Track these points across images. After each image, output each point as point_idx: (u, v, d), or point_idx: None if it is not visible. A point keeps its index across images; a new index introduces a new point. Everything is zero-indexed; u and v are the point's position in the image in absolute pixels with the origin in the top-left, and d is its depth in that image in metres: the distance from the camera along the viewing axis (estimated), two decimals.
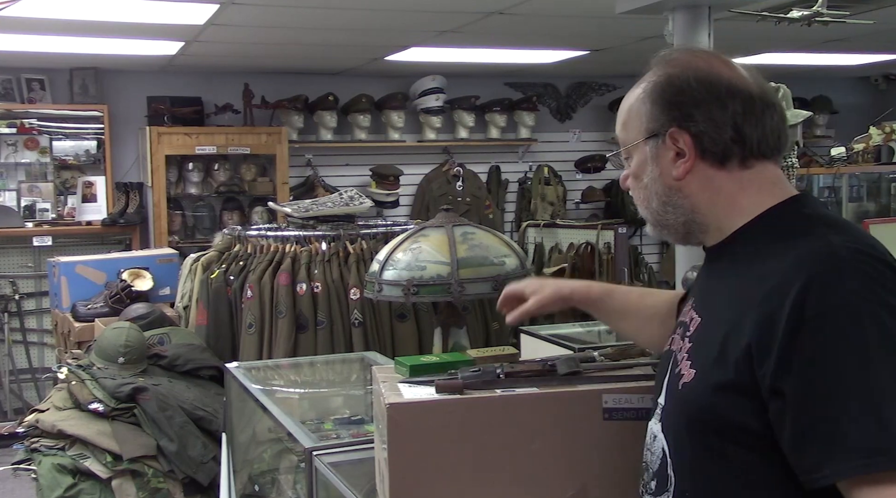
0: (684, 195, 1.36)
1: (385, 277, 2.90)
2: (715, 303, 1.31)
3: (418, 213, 6.89)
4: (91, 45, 5.32)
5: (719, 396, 1.21)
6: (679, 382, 1.29)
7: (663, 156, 1.36)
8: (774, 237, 1.28)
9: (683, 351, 1.33)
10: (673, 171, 1.35)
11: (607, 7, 3.88)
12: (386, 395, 1.67)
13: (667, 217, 1.39)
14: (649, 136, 1.37)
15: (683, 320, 1.40)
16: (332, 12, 4.56)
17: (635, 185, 1.42)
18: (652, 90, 1.37)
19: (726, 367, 1.20)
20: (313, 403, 3.08)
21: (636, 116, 1.40)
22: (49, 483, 3.29)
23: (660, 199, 1.39)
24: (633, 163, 1.40)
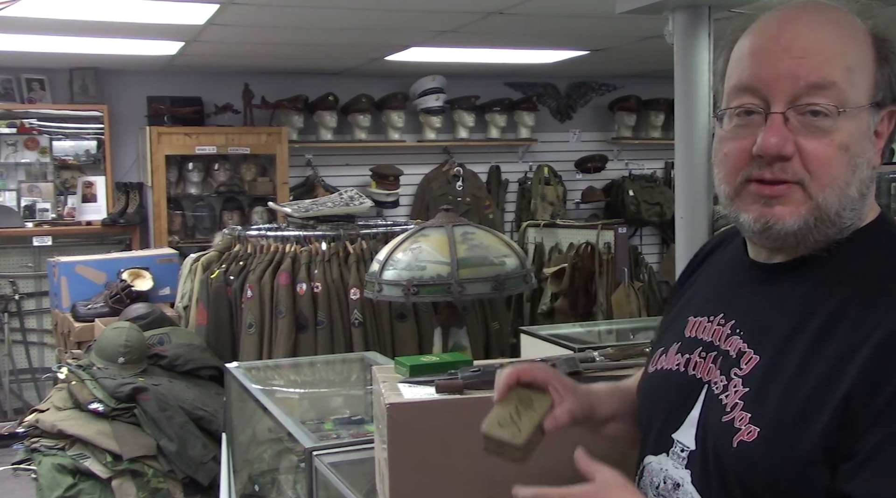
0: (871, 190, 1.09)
1: (385, 277, 2.90)
2: (785, 345, 1.06)
3: (418, 213, 6.89)
4: (91, 45, 5.31)
5: (801, 471, 0.99)
6: (733, 439, 1.05)
7: (871, 135, 1.08)
8: (881, 263, 1.07)
9: (733, 394, 1.08)
10: (875, 157, 1.08)
11: (607, 7, 3.87)
12: (386, 395, 1.67)
13: (843, 215, 1.06)
14: (874, 103, 1.07)
15: (713, 343, 1.15)
16: (332, 12, 4.56)
17: (838, 158, 1.04)
18: (883, 46, 1.07)
19: (811, 436, 0.99)
20: (313, 403, 3.08)
21: (862, 66, 1.06)
22: (49, 483, 3.29)
23: (861, 188, 1.07)
24: (847, 127, 1.04)
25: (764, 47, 1.08)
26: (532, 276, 3.07)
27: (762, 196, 1.07)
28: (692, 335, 1.20)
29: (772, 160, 1.05)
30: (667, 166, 7.60)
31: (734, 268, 1.22)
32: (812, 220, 1.05)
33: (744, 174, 1.09)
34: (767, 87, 1.06)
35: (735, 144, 1.09)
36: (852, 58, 1.06)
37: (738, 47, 1.12)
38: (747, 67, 1.09)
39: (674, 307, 1.35)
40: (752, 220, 1.08)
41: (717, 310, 1.18)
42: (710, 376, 1.13)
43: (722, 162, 1.12)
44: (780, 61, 1.05)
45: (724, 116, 1.12)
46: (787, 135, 1.04)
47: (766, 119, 1.06)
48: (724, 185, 1.12)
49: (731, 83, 1.11)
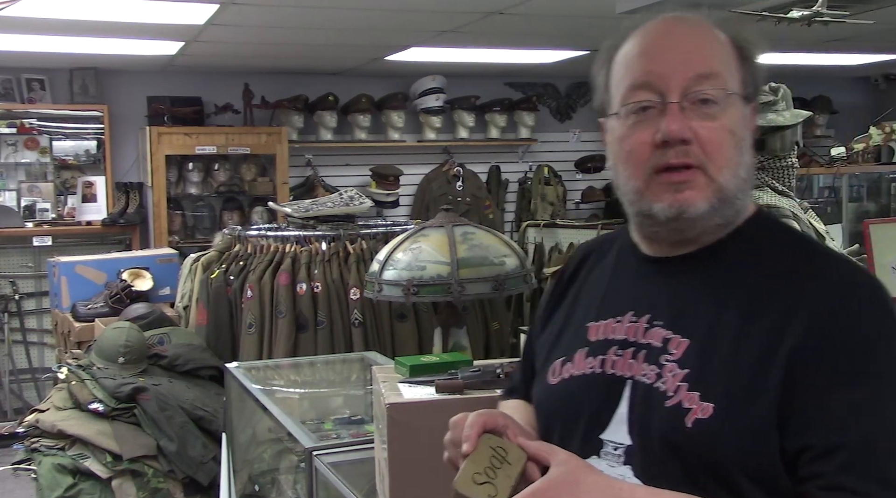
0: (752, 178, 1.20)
1: (385, 277, 2.90)
2: (713, 325, 1.13)
3: (418, 213, 6.89)
4: (91, 45, 5.31)
5: (760, 432, 1.06)
6: (685, 419, 1.09)
7: (747, 126, 1.19)
8: (774, 243, 1.19)
9: (672, 379, 1.12)
10: (751, 146, 1.20)
11: (607, 7, 3.88)
12: (386, 395, 1.67)
13: (738, 197, 1.17)
14: (745, 97, 1.19)
15: (629, 339, 1.20)
16: (332, 12, 4.56)
17: (728, 141, 1.15)
18: (742, 49, 1.20)
19: (764, 401, 1.06)
20: (313, 403, 3.08)
21: (731, 63, 1.18)
22: (49, 483, 3.29)
23: (748, 171, 1.18)
24: (731, 113, 1.16)
25: (651, 47, 1.18)
26: (532, 276, 3.07)
27: (672, 183, 1.14)
28: (601, 338, 1.23)
29: (675, 144, 1.13)
30: None
31: (629, 269, 1.28)
32: (716, 202, 1.14)
33: (650, 165, 1.16)
34: (661, 80, 1.15)
35: (637, 139, 1.17)
36: (725, 55, 1.18)
37: (621, 55, 1.21)
38: (640, 67, 1.17)
39: (548, 324, 1.37)
40: (665, 208, 1.15)
41: (623, 310, 1.22)
42: (632, 371, 1.17)
43: (627, 159, 1.18)
44: (669, 57, 1.16)
45: (621, 116, 1.19)
46: (685, 121, 1.13)
47: (662, 111, 1.15)
48: (632, 181, 1.18)
49: (624, 84, 1.18)
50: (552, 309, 1.38)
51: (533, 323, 1.44)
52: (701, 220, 1.15)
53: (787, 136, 2.81)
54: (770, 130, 2.79)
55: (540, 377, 1.31)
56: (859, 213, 6.22)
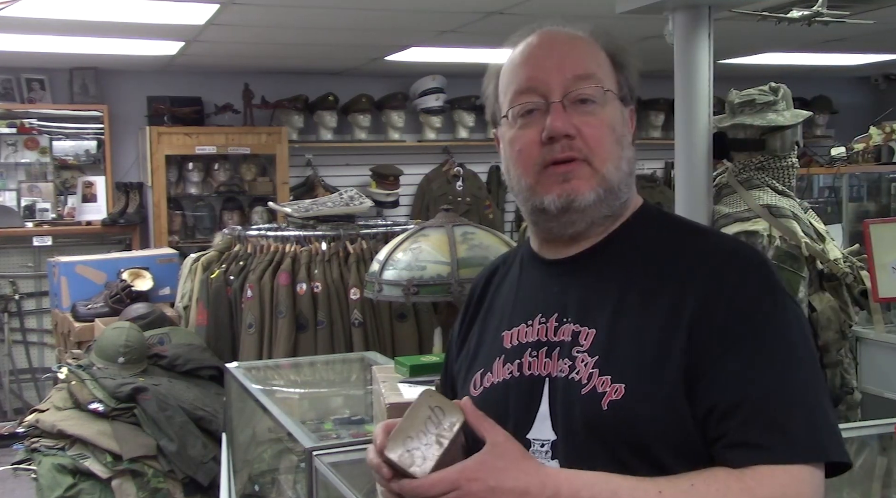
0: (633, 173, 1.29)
1: (385, 277, 2.90)
2: (616, 313, 1.19)
3: (418, 213, 6.89)
4: (91, 45, 5.31)
5: (670, 403, 1.12)
6: (601, 403, 1.14)
7: (626, 124, 1.29)
8: (660, 228, 1.27)
9: (584, 368, 1.17)
10: (631, 144, 1.29)
11: (607, 7, 3.87)
12: (386, 395, 1.67)
13: (622, 189, 1.25)
14: (621, 98, 1.28)
15: (541, 340, 1.24)
16: (332, 12, 4.56)
17: (609, 136, 1.24)
18: (615, 56, 1.29)
19: (668, 372, 1.12)
20: (313, 403, 3.08)
21: (606, 67, 1.27)
22: (49, 483, 3.29)
23: (629, 165, 1.27)
24: (609, 111, 1.25)
25: (531, 55, 1.27)
26: None
27: (559, 174, 1.22)
28: (515, 343, 1.28)
29: (560, 140, 1.21)
30: (667, 166, 7.59)
31: (532, 277, 1.34)
32: (602, 192, 1.22)
33: (538, 161, 1.23)
34: (543, 83, 1.23)
35: (525, 139, 1.24)
36: (599, 59, 1.27)
37: (505, 68, 1.31)
38: (523, 73, 1.26)
39: (465, 341, 1.40)
40: (555, 199, 1.22)
41: (532, 314, 1.28)
42: (547, 369, 1.22)
43: (517, 159, 1.26)
44: (547, 62, 1.25)
45: (509, 119, 1.27)
46: (568, 118, 1.21)
47: (546, 111, 1.22)
48: (524, 179, 1.25)
49: (510, 91, 1.27)
50: (466, 330, 1.42)
51: (448, 347, 1.48)
52: (589, 209, 1.22)
53: (787, 136, 2.82)
54: (770, 130, 2.80)
55: (462, 393, 1.33)
56: (859, 213, 6.22)
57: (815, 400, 1.12)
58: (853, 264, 2.75)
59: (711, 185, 2.80)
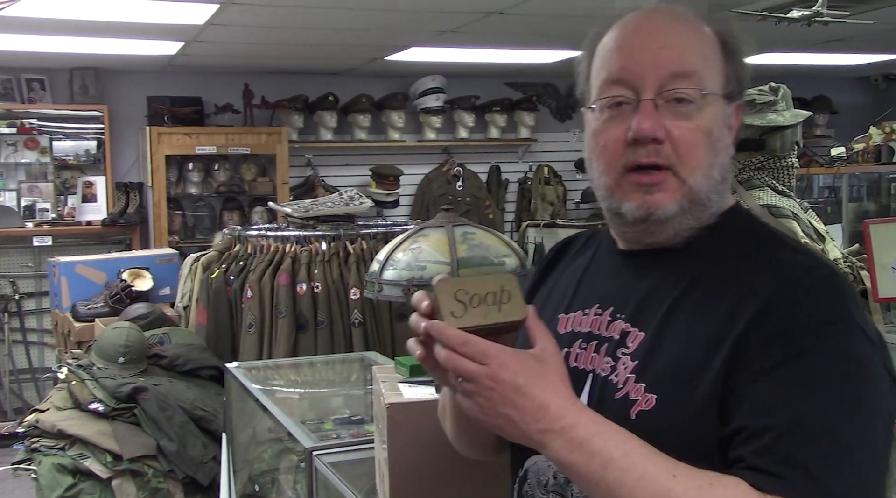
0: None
1: (385, 277, 2.90)
2: (668, 317, 1.12)
3: (418, 213, 6.89)
4: (91, 45, 5.31)
5: (700, 420, 1.04)
6: (631, 411, 1.08)
7: (728, 124, 1.17)
8: (742, 237, 1.16)
9: (623, 371, 1.12)
10: (730, 146, 1.17)
11: (607, 7, 3.88)
12: (386, 395, 1.67)
13: (711, 199, 1.14)
14: (726, 95, 1.16)
15: (593, 332, 1.19)
16: (332, 12, 4.56)
17: (703, 142, 1.12)
18: (726, 43, 1.17)
19: (704, 386, 1.04)
20: (313, 403, 3.08)
21: (713, 59, 1.15)
22: (49, 483, 3.29)
23: (723, 172, 1.15)
24: (708, 113, 1.12)
25: (628, 42, 1.15)
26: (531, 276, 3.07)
27: (642, 184, 1.12)
28: (568, 330, 1.23)
29: (646, 143, 1.11)
30: None
31: (604, 263, 1.27)
32: (687, 204, 1.12)
33: (622, 162, 1.13)
34: (636, 77, 1.12)
35: (610, 135, 1.14)
36: (705, 50, 1.15)
37: (601, 47, 1.18)
38: (615, 61, 1.15)
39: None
40: (634, 208, 1.13)
41: (591, 302, 1.22)
42: (593, 365, 1.17)
43: (600, 154, 1.16)
44: (644, 53, 1.13)
45: (596, 110, 1.16)
46: (658, 119, 1.10)
47: (636, 108, 1.12)
48: (604, 177, 1.16)
49: (600, 78, 1.16)
50: (530, 297, 1.35)
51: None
52: (671, 222, 1.13)
53: (787, 136, 2.82)
54: (770, 130, 2.80)
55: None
56: (859, 214, 6.22)
57: (861, 448, 0.99)
58: (853, 264, 2.75)
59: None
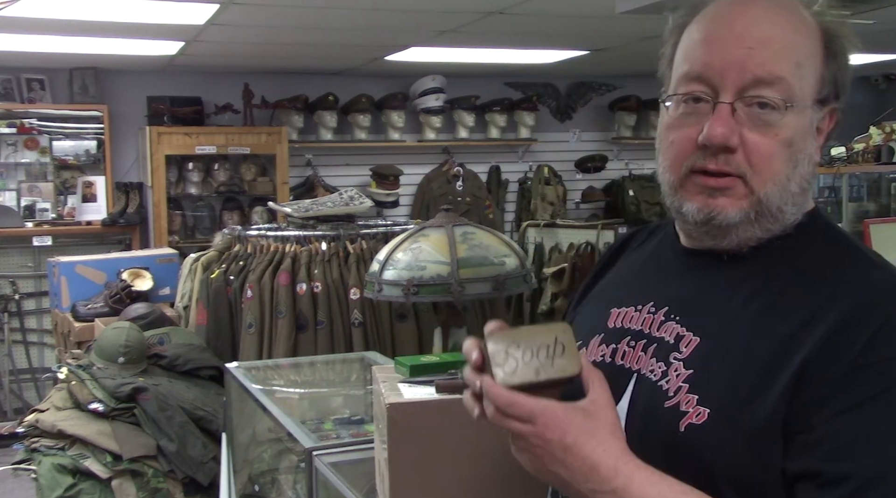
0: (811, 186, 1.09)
1: (385, 277, 2.90)
2: (727, 326, 1.06)
3: (418, 213, 6.90)
4: (91, 45, 5.31)
5: (755, 443, 0.98)
6: (680, 423, 1.03)
7: (814, 132, 1.08)
8: (817, 246, 1.09)
9: (675, 379, 1.06)
10: (815, 153, 1.09)
11: (607, 7, 3.87)
12: (386, 395, 1.67)
13: (785, 210, 1.06)
14: (819, 100, 1.07)
15: (643, 331, 1.14)
16: (332, 12, 4.56)
17: (781, 153, 1.04)
18: (832, 41, 1.07)
19: (763, 409, 0.98)
20: (313, 403, 3.08)
21: (810, 62, 1.06)
22: (49, 483, 3.29)
23: (802, 183, 1.07)
24: (792, 122, 1.04)
25: (717, 35, 1.06)
26: (532, 276, 3.07)
27: (706, 187, 1.06)
28: (618, 325, 1.18)
29: (717, 151, 1.04)
30: None
31: (663, 258, 1.21)
32: (753, 214, 1.06)
33: (688, 164, 1.07)
34: (717, 75, 1.04)
35: (681, 133, 1.08)
36: (802, 52, 1.05)
37: (688, 33, 1.10)
38: (699, 55, 1.07)
39: (583, 300, 1.33)
40: (695, 210, 1.07)
41: (645, 299, 1.16)
42: (639, 365, 1.12)
43: (668, 150, 1.10)
44: (731, 50, 1.04)
45: (672, 103, 1.10)
46: (733, 126, 1.03)
47: (713, 108, 1.05)
48: (668, 174, 1.10)
49: (681, 70, 1.09)
50: (595, 280, 1.33)
51: (574, 291, 1.36)
52: (734, 229, 1.06)
53: None
54: None
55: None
56: (859, 214, 6.22)
57: None
58: None
59: None
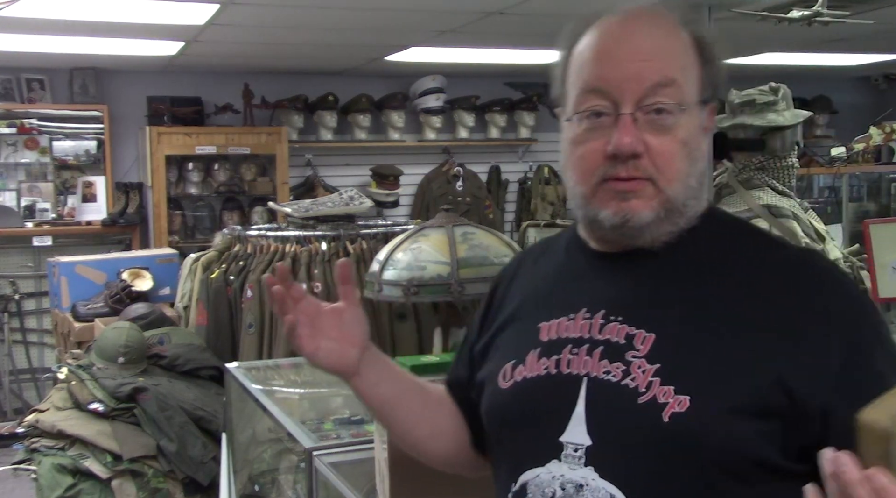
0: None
1: (385, 277, 2.90)
2: (679, 317, 1.12)
3: (418, 213, 6.89)
4: (91, 45, 5.31)
5: (741, 423, 1.05)
6: (662, 414, 1.06)
7: (702, 130, 1.18)
8: (736, 240, 1.19)
9: (642, 376, 1.09)
10: (705, 149, 1.18)
11: (607, 7, 3.88)
12: None
13: (688, 204, 1.15)
14: (702, 100, 1.17)
15: (584, 337, 1.16)
16: (333, 12, 4.56)
17: (680, 153, 1.13)
18: (704, 49, 1.17)
19: (747, 389, 1.05)
20: (313, 403, 3.08)
21: (691, 67, 1.15)
22: (49, 483, 3.29)
23: (699, 178, 1.16)
24: (685, 123, 1.13)
25: (608, 50, 1.14)
26: None
27: (618, 192, 1.13)
28: (553, 337, 1.19)
29: (626, 159, 1.11)
30: None
31: (577, 267, 1.25)
32: (663, 212, 1.13)
33: (599, 174, 1.14)
34: (616, 88, 1.11)
35: (588, 146, 1.14)
36: (684, 58, 1.15)
37: (578, 52, 1.17)
38: (595, 72, 1.14)
39: (486, 330, 1.33)
40: (611, 215, 1.13)
41: (575, 307, 1.19)
42: (587, 369, 1.14)
43: (577, 164, 1.17)
44: (627, 64, 1.12)
45: (574, 120, 1.16)
46: (637, 134, 1.11)
47: (615, 121, 1.12)
48: (580, 187, 1.17)
49: (578, 86, 1.15)
50: (488, 315, 1.35)
51: (472, 324, 1.40)
52: (647, 228, 1.14)
53: (788, 136, 2.82)
54: (770, 130, 2.80)
55: (490, 383, 1.26)
56: (859, 214, 6.21)
57: None
58: (853, 264, 2.76)
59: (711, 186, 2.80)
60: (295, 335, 1.22)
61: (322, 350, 1.24)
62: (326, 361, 1.25)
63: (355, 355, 1.26)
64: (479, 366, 1.31)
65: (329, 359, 1.25)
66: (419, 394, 1.36)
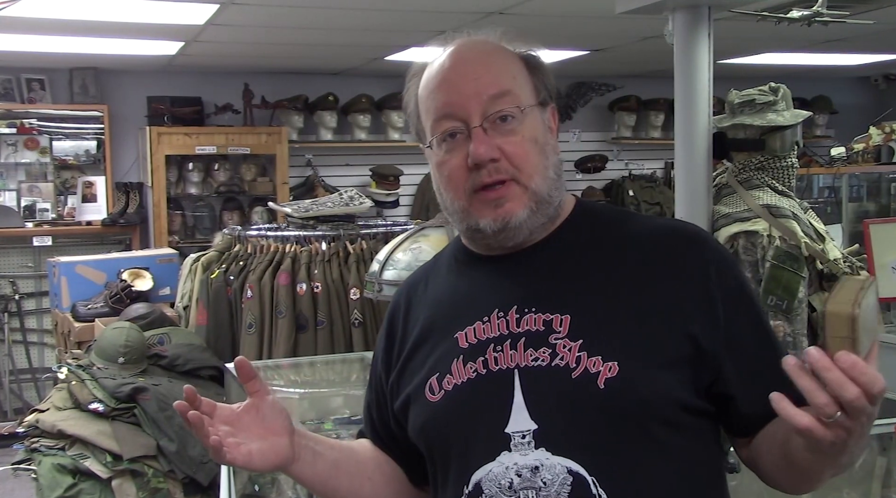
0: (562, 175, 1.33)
1: (385, 277, 2.90)
2: (585, 295, 1.23)
3: (418, 213, 6.90)
4: (91, 45, 5.32)
5: (664, 374, 1.17)
6: (598, 382, 1.16)
7: (547, 128, 1.31)
8: (606, 222, 1.33)
9: (568, 353, 1.18)
10: (556, 145, 1.33)
11: (607, 7, 3.87)
12: None
13: (553, 195, 1.28)
14: (540, 103, 1.30)
15: (504, 334, 1.23)
16: (332, 12, 4.56)
17: (532, 149, 1.26)
18: (528, 60, 1.31)
19: (662, 344, 1.18)
20: (313, 403, 3.08)
21: (521, 76, 1.29)
22: (49, 483, 3.29)
23: (557, 170, 1.30)
24: (529, 123, 1.26)
25: (447, 79, 1.27)
26: None
27: (491, 200, 1.24)
28: (473, 342, 1.26)
29: (485, 165, 1.22)
30: (667, 166, 7.60)
31: (471, 276, 1.34)
32: (534, 206, 1.25)
33: (468, 186, 1.25)
34: (461, 109, 1.24)
35: (452, 164, 1.26)
36: (513, 69, 1.28)
37: (423, 88, 1.30)
38: (439, 99, 1.26)
39: (400, 357, 1.36)
40: (491, 222, 1.25)
41: (487, 310, 1.27)
42: (515, 361, 1.22)
43: (447, 183, 1.27)
44: (464, 86, 1.25)
45: (434, 145, 1.28)
46: (490, 142, 1.23)
47: (469, 136, 1.24)
48: (456, 202, 1.27)
49: (431, 117, 1.28)
50: (399, 344, 1.38)
51: (372, 369, 1.45)
52: (525, 225, 1.25)
53: (787, 136, 2.81)
54: (770, 130, 2.80)
55: (416, 401, 1.30)
56: (859, 213, 6.21)
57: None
58: (853, 264, 2.75)
59: (711, 185, 2.80)
60: (222, 453, 1.23)
61: (255, 454, 1.26)
62: (264, 462, 1.27)
63: (287, 444, 1.29)
64: (397, 397, 1.35)
65: (267, 459, 1.27)
66: (350, 455, 1.41)
